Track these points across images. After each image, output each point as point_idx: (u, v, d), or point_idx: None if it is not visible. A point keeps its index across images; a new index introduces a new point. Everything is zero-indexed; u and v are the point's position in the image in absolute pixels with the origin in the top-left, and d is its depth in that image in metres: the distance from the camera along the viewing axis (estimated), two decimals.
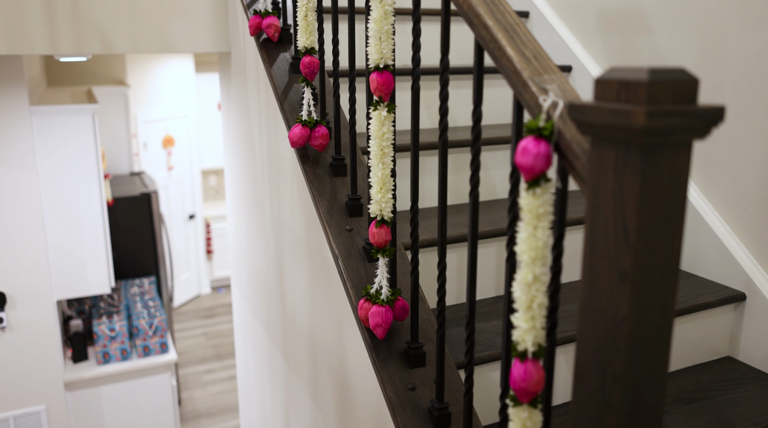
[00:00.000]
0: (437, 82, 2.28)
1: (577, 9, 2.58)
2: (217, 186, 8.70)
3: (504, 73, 1.03)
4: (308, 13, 1.76)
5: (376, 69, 1.37)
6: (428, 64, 2.43)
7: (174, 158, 7.33)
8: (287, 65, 2.06)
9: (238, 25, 2.48)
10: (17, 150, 3.69)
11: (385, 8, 1.33)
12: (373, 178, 1.44)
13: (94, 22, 2.43)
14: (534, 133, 0.94)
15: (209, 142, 8.21)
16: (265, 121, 2.25)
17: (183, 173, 7.51)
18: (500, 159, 2.24)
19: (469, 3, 1.09)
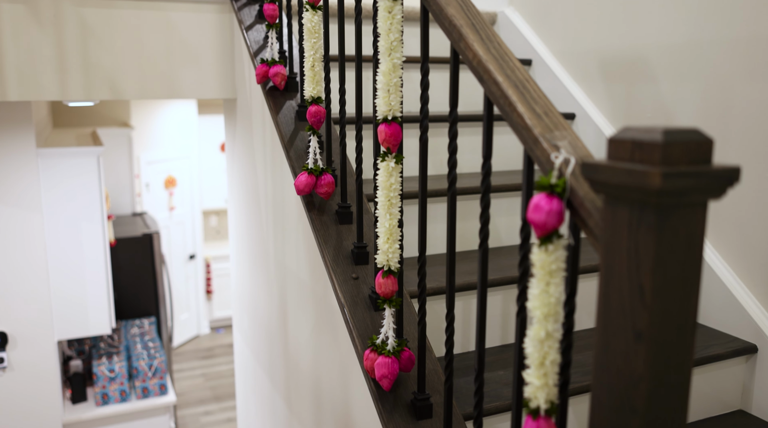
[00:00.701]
0: (443, 129, 2.29)
1: (580, 57, 2.61)
2: (217, 226, 8.71)
3: (515, 129, 1.04)
4: (315, 64, 1.78)
5: (384, 121, 1.38)
6: (435, 111, 2.45)
7: (176, 198, 7.35)
8: (293, 113, 2.08)
9: (244, 71, 2.51)
10: (23, 191, 3.70)
11: (393, 62, 1.34)
12: (380, 228, 1.43)
13: (103, 69, 2.46)
14: (546, 190, 0.94)
15: (211, 182, 8.24)
16: (270, 167, 2.26)
17: (184, 213, 7.52)
18: (504, 206, 2.25)
19: (479, 59, 1.11)
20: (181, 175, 7.39)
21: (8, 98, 2.37)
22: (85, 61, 2.44)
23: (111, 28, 2.46)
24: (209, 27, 2.58)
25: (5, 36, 2.33)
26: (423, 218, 1.37)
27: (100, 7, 2.43)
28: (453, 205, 1.26)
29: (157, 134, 6.88)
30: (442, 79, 2.54)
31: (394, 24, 1.33)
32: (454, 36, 1.17)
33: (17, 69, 2.37)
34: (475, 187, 2.07)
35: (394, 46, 1.34)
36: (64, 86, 2.43)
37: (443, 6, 1.20)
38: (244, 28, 2.38)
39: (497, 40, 1.15)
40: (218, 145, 8.26)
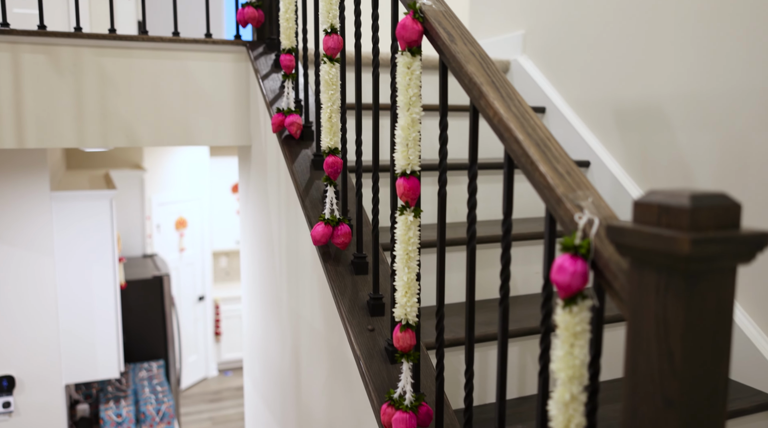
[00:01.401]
0: (459, 176, 2.30)
1: (594, 105, 2.63)
2: (227, 267, 8.70)
3: (537, 188, 1.03)
4: (332, 115, 1.80)
5: (403, 175, 1.38)
6: (451, 157, 2.46)
7: (186, 240, 7.36)
8: (309, 162, 2.09)
9: (259, 119, 2.53)
10: (36, 234, 3.71)
11: (412, 116, 1.35)
12: (398, 281, 1.43)
13: (120, 116, 2.49)
14: (570, 251, 0.93)
15: (221, 223, 8.27)
16: (284, 215, 2.27)
17: (194, 255, 7.53)
18: (520, 255, 2.23)
19: (500, 117, 1.11)
20: (191, 217, 7.41)
21: (26, 145, 2.39)
22: (102, 108, 2.47)
23: (129, 77, 2.50)
24: (225, 75, 2.62)
25: (26, 85, 2.37)
26: (441, 276, 1.37)
27: (119, 57, 2.47)
28: (472, 262, 1.25)
29: (169, 176, 6.93)
30: (459, 126, 2.54)
31: (413, 80, 1.34)
32: (474, 93, 1.18)
33: (36, 117, 2.40)
34: (490, 235, 2.06)
35: (413, 101, 1.35)
36: (81, 134, 2.46)
37: (463, 63, 1.21)
38: (260, 77, 2.41)
39: (517, 97, 1.16)
40: (229, 186, 8.30)
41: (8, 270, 3.66)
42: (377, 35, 1.61)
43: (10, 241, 3.61)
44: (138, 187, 6.03)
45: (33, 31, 2.35)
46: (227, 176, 8.20)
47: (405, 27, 1.33)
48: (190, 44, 2.55)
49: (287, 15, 2.13)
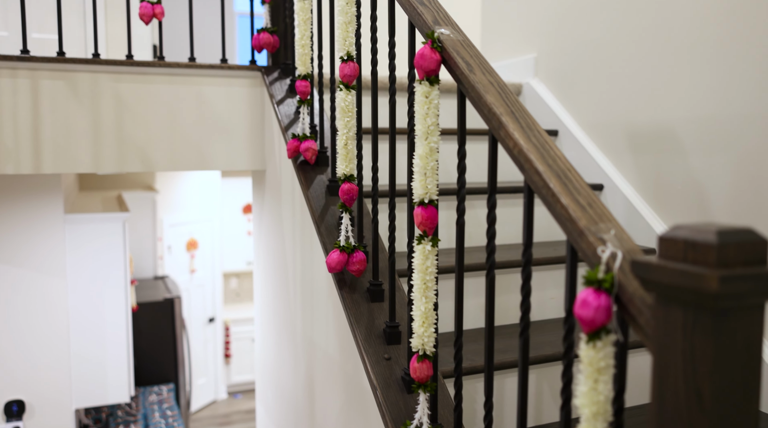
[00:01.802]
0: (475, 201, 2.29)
1: (607, 128, 2.62)
2: (237, 288, 8.70)
3: (558, 220, 1.03)
4: (348, 142, 1.80)
5: (421, 204, 1.38)
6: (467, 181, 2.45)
7: (197, 261, 7.37)
8: (324, 188, 2.09)
9: (274, 144, 2.54)
10: (49, 257, 3.72)
11: (430, 145, 1.35)
12: (415, 311, 1.42)
13: (136, 142, 2.50)
14: (593, 285, 0.92)
15: (231, 244, 8.28)
16: (299, 240, 2.26)
17: (205, 276, 7.53)
18: (537, 280, 2.22)
19: (520, 148, 1.11)
20: (203, 238, 7.43)
21: (43, 171, 2.41)
22: (118, 133, 2.49)
23: (145, 102, 2.52)
24: (240, 100, 2.63)
25: (43, 110, 2.39)
26: (459, 309, 1.36)
27: (136, 82, 2.49)
28: (492, 294, 1.24)
29: (180, 197, 6.96)
30: (474, 150, 2.53)
31: (431, 109, 1.34)
32: (494, 123, 1.18)
33: (53, 142, 2.42)
34: (507, 261, 2.05)
35: (431, 130, 1.35)
36: (97, 159, 2.47)
37: (482, 94, 1.21)
38: (275, 102, 2.43)
39: (537, 128, 1.16)
40: (240, 207, 8.33)
41: (20, 292, 3.66)
42: (393, 63, 1.62)
43: (22, 264, 3.63)
44: (150, 208, 6.06)
45: (52, 57, 2.38)
46: (238, 197, 8.22)
47: (423, 57, 1.33)
48: (206, 69, 2.57)
49: (303, 41, 2.14)
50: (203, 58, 2.92)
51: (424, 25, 1.41)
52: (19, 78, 2.36)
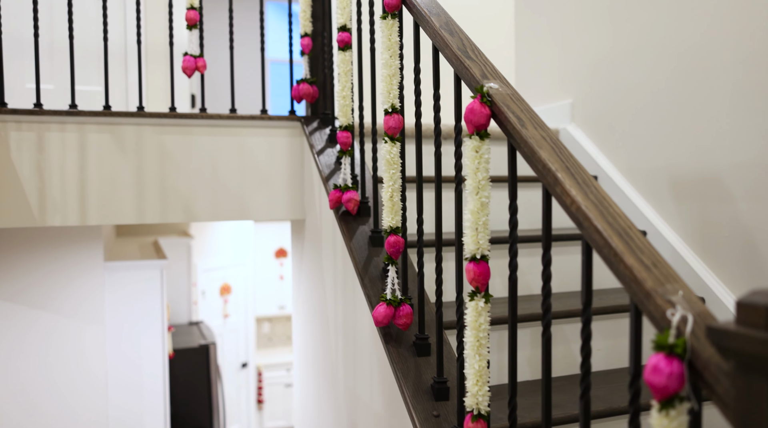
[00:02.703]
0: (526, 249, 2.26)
1: (647, 174, 2.59)
2: (269, 333, 8.68)
3: (622, 281, 1.00)
4: (393, 194, 1.79)
5: (473, 259, 1.36)
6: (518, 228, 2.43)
7: (230, 306, 7.38)
8: (366, 238, 2.08)
9: (314, 193, 2.55)
10: (87, 304, 3.75)
11: (482, 200, 1.34)
12: (468, 369, 1.39)
13: (179, 192, 2.53)
14: (664, 350, 0.89)
15: (264, 289, 8.29)
16: (341, 291, 2.25)
17: (238, 321, 7.53)
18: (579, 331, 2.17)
19: (578, 205, 1.09)
20: (236, 282, 7.45)
21: (88, 222, 2.44)
22: (162, 184, 2.52)
23: (188, 154, 2.55)
24: (280, 150, 2.66)
25: (90, 163, 2.44)
26: (513, 368, 1.32)
27: (179, 134, 2.53)
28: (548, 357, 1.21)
29: (214, 242, 7.01)
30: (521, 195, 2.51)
31: (482, 163, 1.33)
32: (549, 180, 1.16)
33: (98, 193, 2.46)
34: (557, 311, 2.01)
35: (482, 185, 1.33)
36: (141, 210, 2.50)
37: (535, 149, 1.20)
38: (315, 152, 2.44)
39: (594, 184, 1.14)
40: (273, 251, 8.36)
41: (56, 339, 3.69)
42: (438, 116, 1.62)
43: (59, 310, 3.66)
44: (185, 254, 6.10)
45: (99, 111, 2.43)
46: (271, 242, 8.26)
47: (473, 111, 1.33)
48: (247, 120, 2.61)
49: (344, 93, 2.16)
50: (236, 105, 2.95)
51: (472, 79, 1.41)
52: (67, 132, 2.42)
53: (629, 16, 2.67)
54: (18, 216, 2.40)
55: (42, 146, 2.41)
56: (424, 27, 1.63)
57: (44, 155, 2.41)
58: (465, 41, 1.52)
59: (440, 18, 1.60)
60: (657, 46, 2.52)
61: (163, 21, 3.96)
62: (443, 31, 1.54)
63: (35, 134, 2.40)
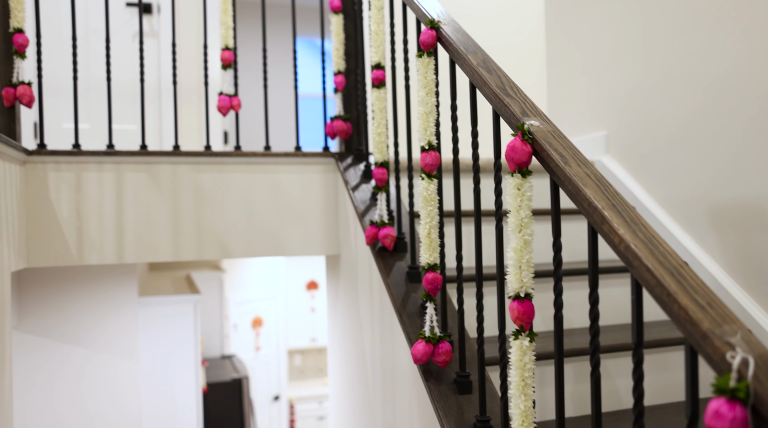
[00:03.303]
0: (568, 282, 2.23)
1: (686, 204, 2.55)
2: (301, 365, 8.65)
3: (676, 322, 0.98)
4: (431, 231, 1.79)
5: (517, 297, 1.34)
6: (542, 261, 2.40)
7: (262, 339, 7.39)
8: (404, 275, 2.07)
9: (349, 229, 2.55)
10: (122, 339, 3.78)
11: (525, 238, 1.32)
12: (514, 409, 1.36)
13: (214, 229, 2.55)
14: (726, 395, 0.86)
15: (295, 321, 8.29)
16: (378, 326, 2.24)
17: (269, 353, 7.53)
18: (623, 366, 2.12)
19: (627, 244, 1.07)
20: (267, 315, 7.47)
21: (125, 261, 2.47)
22: (197, 222, 2.54)
23: (223, 191, 2.57)
24: (315, 187, 2.67)
25: (127, 202, 2.47)
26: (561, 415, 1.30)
27: (214, 172, 2.56)
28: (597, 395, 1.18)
29: (245, 275, 7.05)
30: None
31: (524, 201, 1.32)
32: (595, 218, 1.15)
33: (135, 232, 2.48)
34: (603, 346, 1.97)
35: (525, 223, 1.32)
36: (177, 247, 2.52)
37: (580, 187, 1.18)
38: (350, 188, 2.45)
39: (642, 221, 1.12)
40: (304, 284, 8.37)
41: (93, 375, 3.71)
42: (477, 153, 1.61)
43: (93, 346, 3.68)
44: (217, 287, 6.14)
45: (135, 151, 2.47)
46: (302, 274, 8.28)
47: (515, 149, 1.32)
48: (281, 157, 2.63)
49: (379, 130, 2.17)
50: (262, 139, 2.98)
51: (512, 117, 1.41)
52: (104, 172, 2.46)
53: (662, 47, 2.65)
54: (57, 255, 2.44)
55: (80, 186, 2.45)
56: (461, 65, 1.64)
57: (82, 195, 2.45)
58: (503, 78, 1.52)
59: (477, 56, 1.60)
60: (691, 77, 2.50)
61: (194, 60, 4.04)
62: (481, 69, 1.54)
63: (74, 174, 2.44)
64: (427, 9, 1.84)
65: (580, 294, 2.32)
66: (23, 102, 2.28)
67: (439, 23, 1.76)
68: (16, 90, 2.27)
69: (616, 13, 2.93)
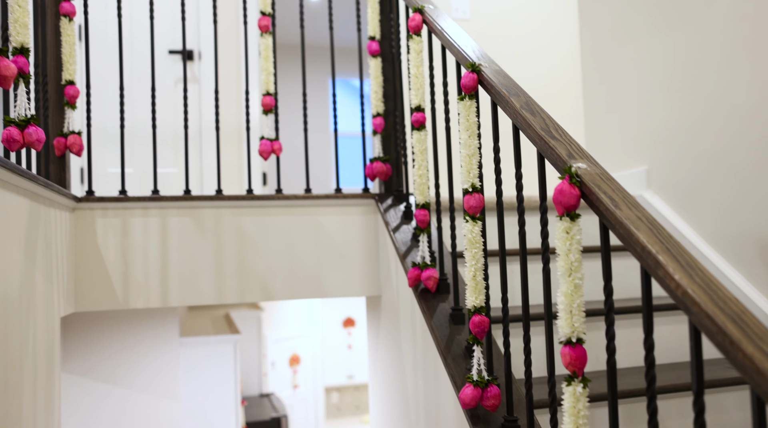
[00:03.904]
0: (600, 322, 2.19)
1: (734, 240, 2.49)
2: (338, 403, 8.60)
3: (741, 371, 0.95)
4: (476, 273, 1.77)
5: (568, 342, 1.32)
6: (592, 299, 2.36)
7: (299, 376, 7.37)
8: (447, 316, 2.06)
9: (390, 270, 2.55)
10: (162, 379, 3.80)
11: (575, 282, 1.31)
12: None
13: (256, 273, 2.57)
14: None
15: (332, 358, 8.26)
16: (421, 368, 2.21)
17: (307, 391, 7.50)
18: (674, 408, 2.07)
19: (684, 290, 1.05)
20: (304, 353, 7.46)
21: (169, 304, 2.50)
22: (240, 265, 2.57)
23: (265, 234, 2.60)
24: (355, 228, 2.68)
25: (171, 246, 2.51)
26: None
27: (256, 216, 2.59)
28: None
29: (283, 313, 7.07)
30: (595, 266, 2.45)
31: (573, 244, 1.31)
32: (649, 262, 1.13)
33: (179, 275, 2.52)
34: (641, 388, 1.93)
35: (575, 267, 1.31)
36: (220, 290, 2.54)
37: (632, 231, 1.17)
38: (390, 229, 2.45)
39: (699, 266, 1.10)
40: (340, 321, 8.36)
41: (133, 414, 3.73)
42: (522, 195, 1.60)
43: (135, 386, 3.71)
44: (256, 326, 6.17)
45: (180, 196, 2.51)
46: (338, 311, 8.28)
47: (563, 193, 1.32)
48: (322, 199, 2.65)
49: (420, 172, 2.18)
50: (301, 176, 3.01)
51: (559, 160, 1.40)
52: (150, 217, 2.50)
53: (703, 80, 2.63)
54: (104, 300, 2.48)
55: (126, 231, 2.50)
56: (504, 107, 1.64)
57: (128, 240, 2.49)
58: (547, 121, 1.52)
59: (520, 98, 1.61)
60: (734, 109, 2.47)
61: (233, 104, 4.12)
62: (524, 112, 1.54)
63: (120, 220, 2.49)
64: (467, 52, 1.86)
65: (626, 333, 2.28)
66: (73, 151, 2.34)
67: (480, 66, 1.77)
68: (67, 139, 2.34)
69: (652, 49, 2.93)
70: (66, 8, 2.35)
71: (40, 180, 1.85)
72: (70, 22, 2.36)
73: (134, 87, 4.00)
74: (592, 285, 2.42)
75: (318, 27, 7.22)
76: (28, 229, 1.83)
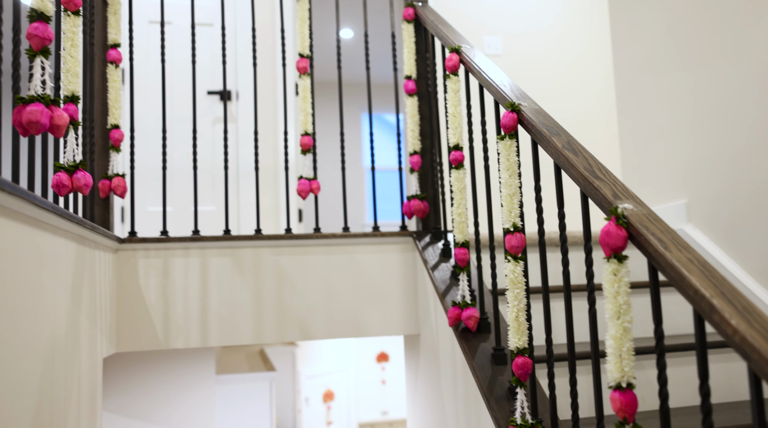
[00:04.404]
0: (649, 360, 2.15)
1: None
2: None
3: None
4: (519, 314, 1.76)
5: (618, 388, 1.29)
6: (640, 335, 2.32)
7: (333, 413, 7.31)
8: (489, 357, 2.03)
9: (428, 309, 2.53)
10: (200, 417, 3.80)
11: (624, 326, 1.28)
12: None
13: (295, 311, 2.57)
14: None
15: (366, 393, 8.19)
16: (462, 410, 2.18)
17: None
18: None
19: (742, 335, 1.02)
20: (338, 389, 7.41)
21: (209, 344, 2.51)
22: (279, 304, 2.57)
23: (303, 273, 2.61)
24: (393, 266, 2.68)
25: (211, 286, 2.53)
26: None
27: (294, 255, 2.60)
28: None
29: (317, 349, 7.05)
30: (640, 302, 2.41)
31: (622, 287, 1.29)
32: (704, 306, 1.11)
33: (218, 315, 2.53)
34: None
35: (624, 310, 1.28)
36: (259, 330, 2.55)
37: (684, 274, 1.15)
38: (429, 267, 2.44)
39: (756, 310, 1.07)
40: (374, 356, 8.30)
41: None
42: (565, 235, 1.59)
43: (173, 424, 3.71)
44: (290, 362, 6.15)
45: (219, 236, 2.54)
46: (372, 346, 8.22)
47: (609, 234, 1.30)
48: (360, 238, 2.66)
49: (459, 210, 2.18)
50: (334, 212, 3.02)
51: (603, 200, 1.39)
52: (190, 257, 2.53)
53: (743, 113, 2.60)
54: (145, 340, 2.50)
55: (167, 271, 2.52)
56: (545, 147, 1.64)
57: (169, 280, 2.52)
58: (590, 160, 1.51)
59: (561, 138, 1.60)
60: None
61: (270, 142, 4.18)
62: (566, 151, 1.54)
63: (161, 260, 2.52)
64: (506, 91, 1.86)
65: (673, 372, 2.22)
66: (117, 193, 2.39)
67: (519, 106, 1.78)
68: (111, 182, 2.39)
69: (687, 82, 2.91)
70: (113, 56, 2.42)
71: (87, 224, 1.89)
72: (116, 69, 2.42)
73: (173, 127, 4.08)
74: (637, 322, 2.38)
75: (349, 62, 7.33)
76: (74, 272, 1.86)
